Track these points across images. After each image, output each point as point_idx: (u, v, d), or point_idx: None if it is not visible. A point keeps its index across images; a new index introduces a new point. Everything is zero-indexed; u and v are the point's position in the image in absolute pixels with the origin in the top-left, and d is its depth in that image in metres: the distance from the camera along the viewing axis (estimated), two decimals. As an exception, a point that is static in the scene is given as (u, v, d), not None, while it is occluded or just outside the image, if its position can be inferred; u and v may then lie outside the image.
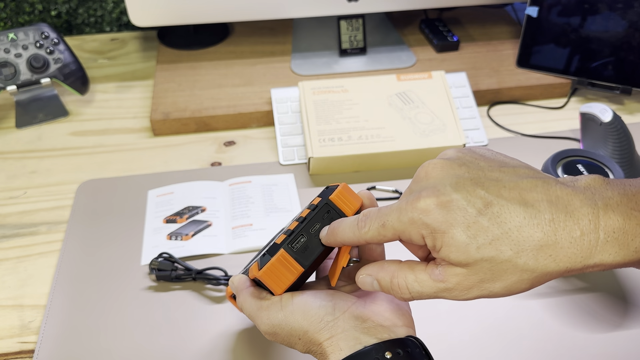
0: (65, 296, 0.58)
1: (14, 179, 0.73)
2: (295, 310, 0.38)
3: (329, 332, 0.37)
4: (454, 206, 0.31)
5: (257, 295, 0.41)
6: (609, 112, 0.71)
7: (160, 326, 0.56)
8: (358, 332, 0.37)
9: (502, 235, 0.30)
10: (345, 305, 0.39)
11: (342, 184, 0.42)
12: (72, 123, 0.82)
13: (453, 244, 0.31)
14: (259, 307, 0.40)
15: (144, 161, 0.76)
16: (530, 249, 0.30)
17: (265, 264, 0.39)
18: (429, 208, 0.32)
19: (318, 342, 0.37)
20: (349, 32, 0.90)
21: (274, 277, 0.40)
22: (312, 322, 0.38)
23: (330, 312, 0.38)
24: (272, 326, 0.39)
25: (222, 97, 0.83)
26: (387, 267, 0.36)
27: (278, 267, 0.39)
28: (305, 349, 0.39)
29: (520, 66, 0.89)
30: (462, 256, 0.31)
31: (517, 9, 1.04)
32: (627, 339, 0.54)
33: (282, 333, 0.39)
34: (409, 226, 0.32)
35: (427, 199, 0.32)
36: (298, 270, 0.39)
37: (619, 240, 0.30)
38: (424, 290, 0.34)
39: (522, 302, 0.58)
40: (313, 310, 0.38)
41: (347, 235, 0.37)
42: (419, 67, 0.89)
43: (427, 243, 0.33)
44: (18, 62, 0.80)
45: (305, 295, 0.39)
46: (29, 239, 0.65)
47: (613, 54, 0.82)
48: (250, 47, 0.94)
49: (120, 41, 1.00)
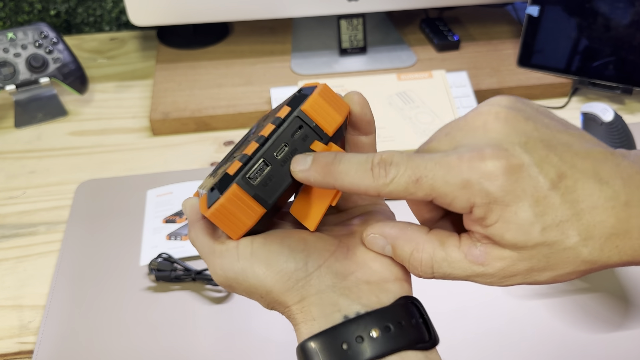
0: (64, 296, 0.58)
1: (13, 178, 0.73)
2: (255, 262, 0.30)
3: (299, 294, 0.29)
4: (525, 174, 0.25)
5: (211, 233, 0.33)
6: (610, 112, 0.71)
7: (160, 326, 0.56)
8: (337, 294, 0.29)
9: (573, 216, 0.25)
10: (322, 255, 0.30)
11: (321, 84, 0.32)
12: (71, 123, 0.82)
13: (514, 221, 0.25)
14: (211, 251, 0.32)
15: (144, 161, 0.76)
16: (600, 236, 0.25)
17: (214, 203, 0.30)
18: (495, 172, 0.25)
19: (285, 305, 0.30)
20: (349, 31, 0.90)
21: (227, 221, 0.30)
22: (277, 278, 0.29)
23: (302, 266, 0.29)
24: (226, 278, 0.31)
25: (221, 97, 0.82)
26: (410, 233, 0.29)
27: (230, 208, 0.29)
28: (269, 306, 0.31)
29: (521, 66, 0.88)
30: (520, 237, 0.25)
31: (517, 8, 1.03)
32: (628, 339, 0.54)
33: (239, 288, 0.31)
34: (459, 190, 0.25)
35: (493, 161, 0.25)
36: (257, 212, 0.30)
37: None
38: (453, 272, 0.28)
39: (523, 302, 0.57)
40: (279, 263, 0.30)
41: (353, 181, 0.28)
42: (420, 66, 0.88)
43: (475, 213, 0.26)
44: (17, 62, 0.80)
45: (269, 242, 0.30)
46: (28, 239, 0.65)
47: (614, 54, 0.82)
48: (250, 47, 0.93)
49: (120, 41, 1.00)
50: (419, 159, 0.27)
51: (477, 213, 0.26)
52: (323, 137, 0.31)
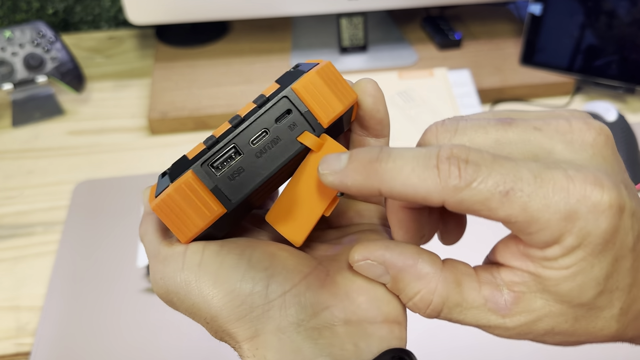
0: (61, 297, 0.58)
1: (10, 179, 0.72)
2: (202, 275, 0.23)
3: (252, 327, 0.23)
4: (622, 223, 0.19)
5: (162, 230, 0.26)
6: (613, 111, 0.70)
7: (157, 328, 0.55)
8: (301, 336, 0.22)
9: (627, 286, 0.21)
10: (290, 279, 0.23)
11: (325, 61, 0.25)
12: (68, 122, 0.82)
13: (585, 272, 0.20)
14: (155, 253, 0.25)
15: (142, 161, 0.75)
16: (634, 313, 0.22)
17: (161, 193, 0.24)
18: (607, 212, 0.19)
19: (235, 339, 0.24)
20: (350, 29, 0.89)
21: (174, 217, 0.23)
22: (226, 301, 0.23)
23: (261, 289, 0.23)
24: (166, 291, 0.24)
25: (220, 96, 0.82)
26: (421, 268, 0.22)
27: (179, 201, 0.23)
28: (217, 336, 0.25)
29: (523, 64, 0.88)
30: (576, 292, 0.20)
31: (519, 6, 1.03)
32: (633, 342, 0.54)
33: (180, 306, 0.24)
34: (558, 220, 0.19)
35: (610, 195, 0.19)
36: (214, 212, 0.23)
37: None
38: (464, 319, 0.22)
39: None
40: (232, 281, 0.23)
41: (408, 182, 0.20)
42: (421, 65, 0.88)
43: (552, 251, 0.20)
44: (14, 61, 0.79)
45: (224, 252, 0.24)
46: (25, 240, 0.64)
47: (617, 52, 0.81)
48: (249, 45, 0.93)
49: (118, 39, 0.99)
50: (510, 164, 0.19)
51: (556, 252, 0.20)
52: (315, 127, 0.24)
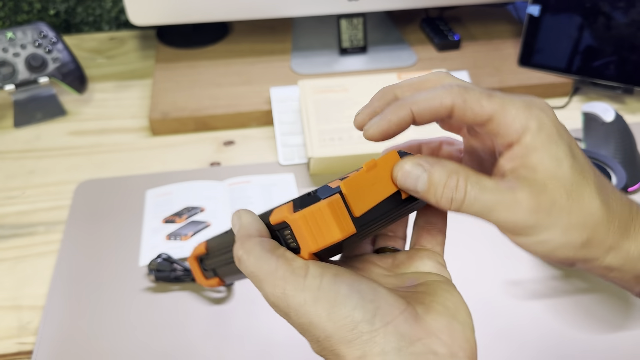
0: (63, 297, 0.58)
1: (12, 179, 0.73)
2: (321, 299, 0.27)
3: (361, 349, 0.26)
4: (562, 132, 0.32)
5: (270, 248, 0.29)
6: (611, 112, 0.71)
7: (159, 327, 0.55)
8: (402, 359, 0.26)
9: (588, 167, 0.31)
10: (392, 312, 0.27)
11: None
12: (70, 122, 0.82)
13: (553, 153, 0.30)
14: (271, 270, 0.28)
15: (143, 161, 0.75)
16: (607, 193, 0.31)
17: (307, 207, 0.27)
18: (547, 109, 0.32)
19: (342, 358, 0.27)
20: (349, 30, 0.89)
21: (314, 228, 0.27)
22: (341, 325, 0.27)
23: (369, 318, 0.27)
24: (286, 305, 0.28)
25: (221, 97, 0.82)
26: (446, 162, 0.29)
27: (326, 215, 0.27)
28: (321, 353, 0.28)
29: (522, 65, 0.88)
30: (554, 162, 0.29)
31: (518, 7, 1.03)
32: (629, 340, 0.54)
33: (295, 321, 0.28)
34: (520, 108, 0.31)
35: (548, 105, 0.33)
36: (347, 230, 0.27)
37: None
38: (482, 197, 0.28)
39: (523, 302, 0.57)
40: (347, 308, 0.27)
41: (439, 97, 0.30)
42: (420, 66, 0.88)
43: (516, 135, 0.30)
44: (16, 62, 0.80)
45: (339, 282, 0.28)
46: (27, 240, 0.65)
47: (615, 53, 0.82)
48: (249, 46, 0.93)
49: (119, 40, 1.00)
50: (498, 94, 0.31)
51: (527, 137, 0.29)
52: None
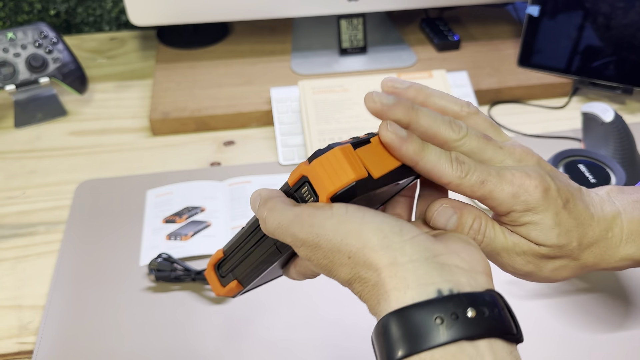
0: (64, 297, 0.58)
1: (12, 179, 0.73)
2: (350, 219, 0.29)
3: (392, 255, 0.28)
4: (551, 194, 0.33)
5: (292, 202, 0.32)
6: (611, 112, 0.71)
7: (159, 327, 0.56)
8: (431, 266, 0.28)
9: (576, 227, 0.34)
10: (415, 230, 0.30)
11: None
12: (71, 123, 0.82)
13: (541, 224, 0.33)
14: (296, 214, 0.31)
15: (143, 161, 0.75)
16: (587, 244, 0.35)
17: (321, 155, 0.30)
18: (533, 190, 0.33)
19: (375, 267, 0.28)
20: (349, 31, 0.90)
21: (330, 171, 0.30)
22: (374, 233, 0.29)
23: (397, 231, 0.29)
24: (315, 235, 0.30)
25: (221, 97, 0.82)
26: (470, 207, 0.34)
27: (340, 158, 0.29)
28: (352, 274, 0.30)
29: (521, 65, 0.88)
30: (542, 238, 0.33)
31: (518, 8, 1.03)
32: (628, 340, 0.54)
33: (326, 247, 0.30)
34: (508, 198, 0.33)
35: (536, 182, 0.33)
36: (360, 172, 0.30)
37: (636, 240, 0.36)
38: (494, 243, 0.34)
39: (523, 302, 0.57)
40: (374, 224, 0.29)
41: (443, 168, 0.32)
42: (420, 66, 0.88)
43: (510, 217, 0.34)
44: (17, 62, 0.80)
45: (363, 208, 0.30)
46: (28, 239, 0.65)
47: (614, 54, 0.82)
48: (250, 47, 0.93)
49: (119, 40, 1.00)
50: (481, 166, 0.33)
51: (512, 217, 0.34)
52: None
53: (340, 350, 0.53)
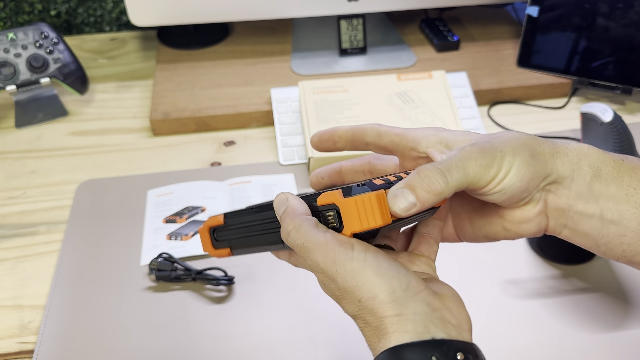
0: (64, 296, 0.58)
1: (13, 179, 0.73)
2: (366, 268, 0.32)
3: (398, 309, 0.32)
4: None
5: (317, 225, 0.34)
6: (610, 112, 0.71)
7: (160, 326, 0.56)
8: (428, 320, 0.32)
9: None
10: (419, 286, 0.33)
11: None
12: (71, 123, 0.82)
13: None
14: (321, 242, 0.33)
15: (144, 161, 0.76)
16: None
17: (358, 194, 0.32)
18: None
19: (381, 315, 0.32)
20: (349, 31, 0.90)
21: (362, 212, 0.32)
22: (385, 288, 0.32)
23: (405, 287, 0.32)
24: (335, 271, 0.33)
25: (222, 97, 0.83)
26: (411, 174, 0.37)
27: (374, 203, 0.32)
28: (357, 313, 0.33)
29: (520, 66, 0.89)
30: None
31: (517, 8, 1.03)
32: (628, 340, 0.54)
33: (341, 284, 0.33)
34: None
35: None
36: (386, 220, 0.33)
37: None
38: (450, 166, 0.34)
39: (522, 302, 0.58)
40: (388, 276, 0.32)
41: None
42: (419, 66, 0.89)
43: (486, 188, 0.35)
44: (17, 62, 0.80)
45: (380, 256, 0.33)
46: (29, 239, 0.65)
47: (614, 54, 0.82)
48: (250, 47, 0.94)
49: (120, 41, 1.00)
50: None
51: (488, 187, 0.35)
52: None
53: (340, 350, 0.54)
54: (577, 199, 0.35)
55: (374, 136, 0.39)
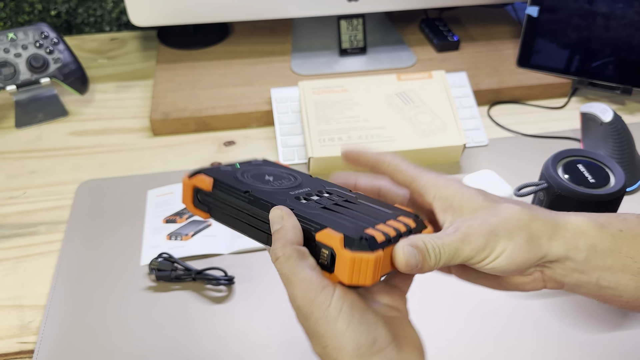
0: (64, 296, 0.58)
1: (13, 179, 0.73)
2: (339, 320, 0.34)
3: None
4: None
5: (306, 259, 0.35)
6: (610, 112, 0.71)
7: (160, 326, 0.56)
8: None
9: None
10: (385, 342, 0.35)
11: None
12: (71, 123, 0.82)
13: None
14: (305, 279, 0.34)
15: (144, 161, 0.76)
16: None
17: (357, 251, 0.33)
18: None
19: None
20: (349, 31, 0.90)
21: (355, 269, 0.33)
22: (349, 343, 0.34)
23: (371, 343, 0.34)
24: (310, 312, 0.34)
25: (222, 97, 0.83)
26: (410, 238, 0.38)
27: (370, 266, 0.33)
28: (321, 355, 0.35)
29: (520, 66, 0.89)
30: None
31: (517, 8, 1.04)
32: (627, 339, 0.54)
33: (313, 325, 0.34)
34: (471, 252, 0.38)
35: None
36: (376, 280, 0.34)
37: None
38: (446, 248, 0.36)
39: (522, 302, 0.58)
40: (357, 331, 0.34)
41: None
42: (419, 66, 0.89)
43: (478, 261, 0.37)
44: (17, 62, 0.80)
45: (355, 309, 0.35)
46: (29, 239, 0.65)
47: (613, 54, 0.82)
48: (250, 47, 0.94)
49: (120, 41, 1.00)
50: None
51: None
52: None
53: (340, 349, 0.54)
54: (572, 272, 0.37)
55: (391, 170, 0.41)
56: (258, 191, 0.37)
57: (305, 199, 0.38)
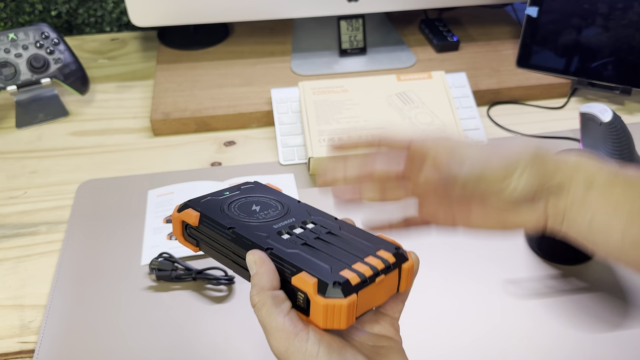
0: (65, 296, 0.58)
1: (14, 179, 0.73)
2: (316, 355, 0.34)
3: None
4: None
5: (280, 304, 0.35)
6: (609, 112, 0.71)
7: (160, 326, 0.56)
8: None
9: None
10: None
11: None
12: (72, 123, 0.82)
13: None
14: (278, 327, 0.34)
15: (144, 161, 0.76)
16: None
17: (330, 297, 0.33)
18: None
19: None
20: (349, 32, 0.90)
21: (329, 315, 0.33)
22: None
23: None
24: (287, 353, 0.34)
25: (222, 97, 0.83)
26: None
27: (343, 311, 0.33)
28: None
29: (520, 66, 0.89)
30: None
31: (517, 9, 1.04)
32: (627, 339, 0.54)
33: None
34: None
35: None
36: (350, 323, 0.34)
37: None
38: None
39: (522, 302, 0.58)
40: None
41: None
42: (419, 67, 0.89)
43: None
44: (18, 62, 0.80)
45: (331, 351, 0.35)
46: (29, 239, 0.65)
47: (613, 54, 0.82)
48: (250, 47, 0.94)
49: (121, 41, 1.00)
50: None
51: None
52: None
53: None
54: (571, 206, 0.38)
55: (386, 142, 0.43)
56: (242, 227, 0.39)
57: (289, 232, 0.38)
